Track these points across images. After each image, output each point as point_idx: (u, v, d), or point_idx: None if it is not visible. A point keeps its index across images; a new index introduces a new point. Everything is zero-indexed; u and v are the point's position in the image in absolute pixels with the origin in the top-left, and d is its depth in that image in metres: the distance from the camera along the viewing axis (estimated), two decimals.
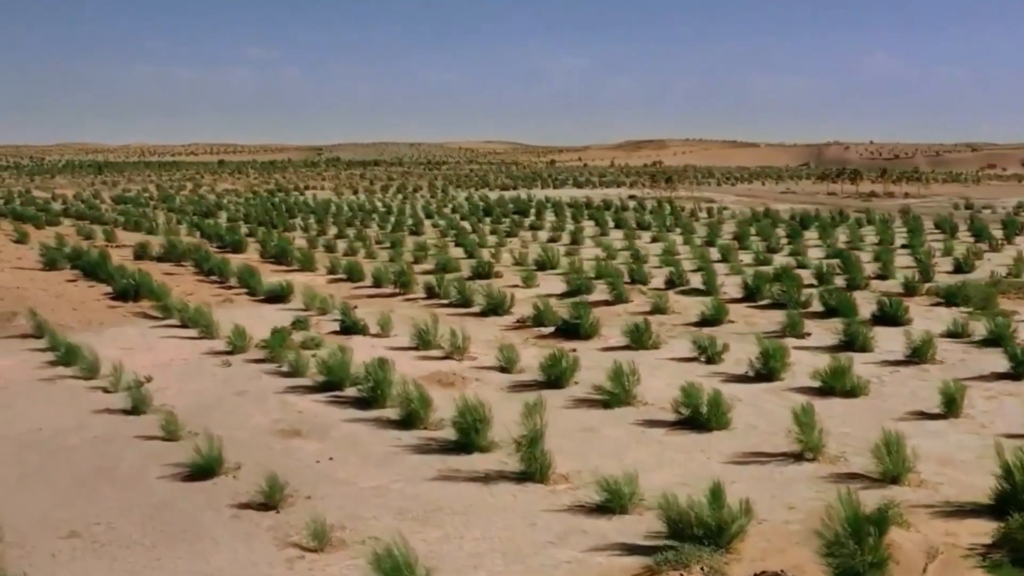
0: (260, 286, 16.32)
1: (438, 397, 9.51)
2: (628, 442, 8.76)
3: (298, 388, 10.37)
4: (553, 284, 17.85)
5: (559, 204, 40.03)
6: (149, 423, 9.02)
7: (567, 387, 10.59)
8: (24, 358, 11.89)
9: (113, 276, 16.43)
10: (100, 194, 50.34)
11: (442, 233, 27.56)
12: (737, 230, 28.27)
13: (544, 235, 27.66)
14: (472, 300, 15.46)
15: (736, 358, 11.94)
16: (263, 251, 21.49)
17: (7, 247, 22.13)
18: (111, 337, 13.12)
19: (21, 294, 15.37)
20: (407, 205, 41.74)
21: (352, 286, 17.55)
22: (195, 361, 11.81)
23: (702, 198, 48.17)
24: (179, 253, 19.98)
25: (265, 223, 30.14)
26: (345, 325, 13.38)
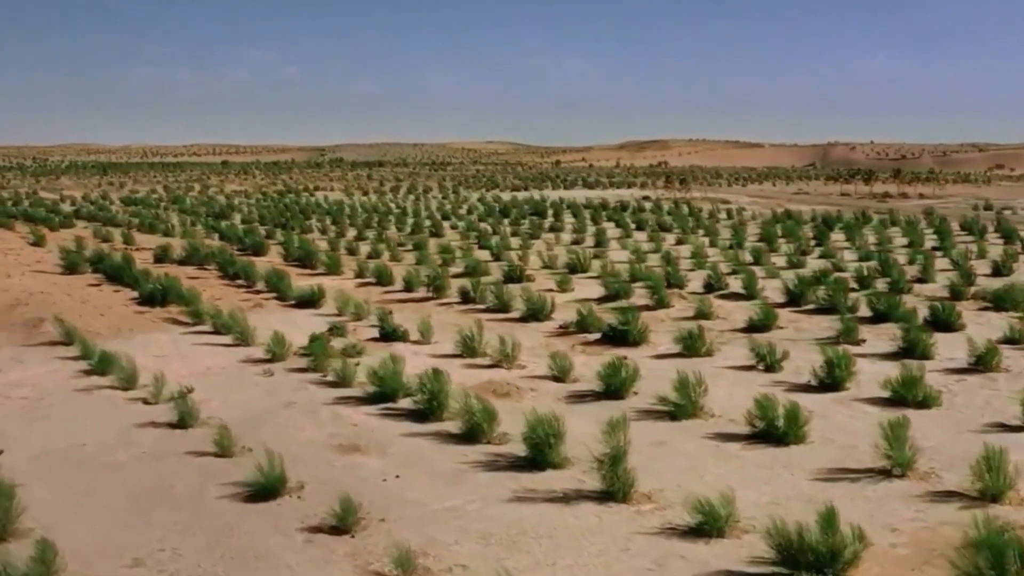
0: (290, 290, 15.86)
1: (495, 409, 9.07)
2: (704, 457, 8.32)
3: (348, 399, 9.92)
4: (588, 288, 17.40)
5: (574, 205, 39.57)
6: (198, 438, 8.58)
7: (627, 398, 10.15)
8: (55, 367, 11.45)
9: (138, 280, 15.98)
10: (108, 195, 49.88)
11: (462, 235, 27.10)
12: (762, 232, 27.83)
13: (566, 237, 27.18)
14: (510, 305, 15.00)
15: (795, 366, 11.51)
16: (286, 254, 21.02)
17: (24, 250, 21.67)
18: (142, 344, 12.67)
19: (45, 299, 14.92)
20: (421, 206, 41.29)
21: (382, 290, 17.10)
22: (233, 370, 11.36)
23: (717, 199, 47.70)
24: (202, 256, 19.52)
25: (281, 225, 29.68)
26: (384, 332, 12.92)
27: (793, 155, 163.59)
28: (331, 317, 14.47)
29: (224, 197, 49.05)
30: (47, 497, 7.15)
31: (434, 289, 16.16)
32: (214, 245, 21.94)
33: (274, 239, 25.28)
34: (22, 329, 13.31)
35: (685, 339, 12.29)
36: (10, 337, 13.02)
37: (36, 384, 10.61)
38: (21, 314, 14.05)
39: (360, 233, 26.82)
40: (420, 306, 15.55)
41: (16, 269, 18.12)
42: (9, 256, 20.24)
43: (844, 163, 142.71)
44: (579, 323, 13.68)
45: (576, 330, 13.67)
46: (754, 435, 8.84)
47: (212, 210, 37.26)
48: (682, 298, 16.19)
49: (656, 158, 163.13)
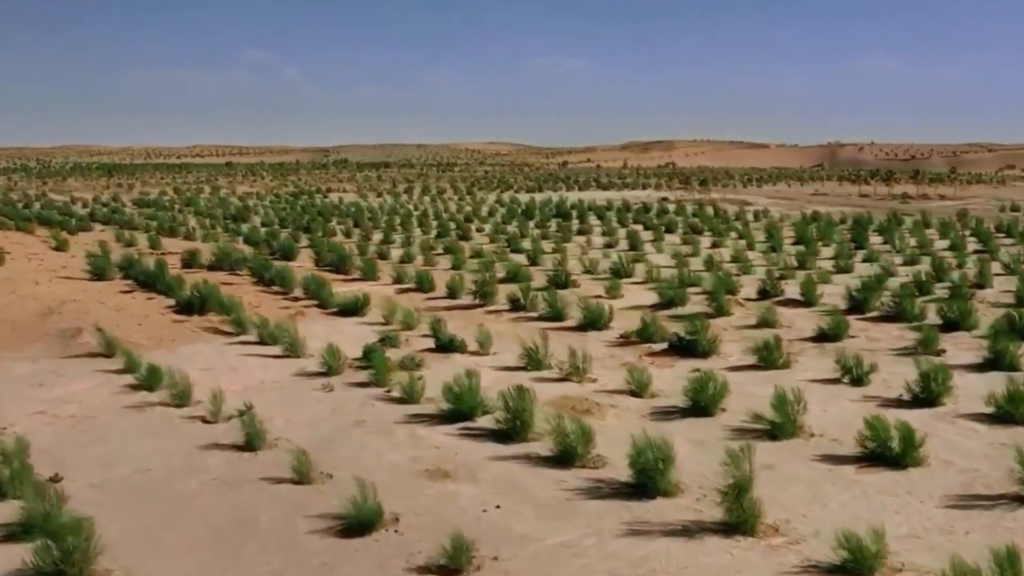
0: (331, 298, 15.22)
1: (592, 430, 8.45)
2: (820, 483, 7.68)
3: (420, 418, 9.28)
4: (638, 294, 16.76)
5: (595, 207, 38.96)
6: (270, 461, 7.95)
7: (716, 415, 9.52)
8: (99, 381, 10.82)
9: (173, 287, 15.35)
10: (119, 197, 49.24)
11: (491, 238, 26.47)
12: (796, 234, 27.21)
13: (598, 240, 26.52)
14: (564, 313, 14.36)
15: (881, 379, 10.88)
16: (318, 258, 20.37)
17: (47, 255, 21.02)
18: (187, 356, 12.04)
19: (79, 308, 14.27)
20: (439, 208, 40.64)
21: (424, 297, 16.45)
22: (288, 384, 10.73)
23: (736, 200, 47.07)
24: (232, 261, 18.87)
25: (303, 228, 29.04)
26: (441, 342, 12.28)
27: (800, 155, 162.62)
28: (378, 326, 13.84)
29: (237, 199, 48.41)
30: (120, 532, 6.52)
31: (481, 296, 15.51)
32: (244, 250, 21.27)
33: (298, 242, 24.66)
34: (58, 340, 12.68)
35: (760, 350, 11.66)
36: (47, 348, 12.39)
37: (82, 401, 9.98)
38: (55, 324, 13.41)
39: (386, 236, 26.17)
40: (468, 314, 14.91)
41: (43, 275, 17.48)
42: (33, 261, 19.58)
43: (852, 164, 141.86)
44: (641, 332, 13.05)
45: (639, 339, 13.03)
46: (865, 457, 8.22)
47: (228, 212, 36.61)
48: (739, 305, 15.55)
49: (662, 159, 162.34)
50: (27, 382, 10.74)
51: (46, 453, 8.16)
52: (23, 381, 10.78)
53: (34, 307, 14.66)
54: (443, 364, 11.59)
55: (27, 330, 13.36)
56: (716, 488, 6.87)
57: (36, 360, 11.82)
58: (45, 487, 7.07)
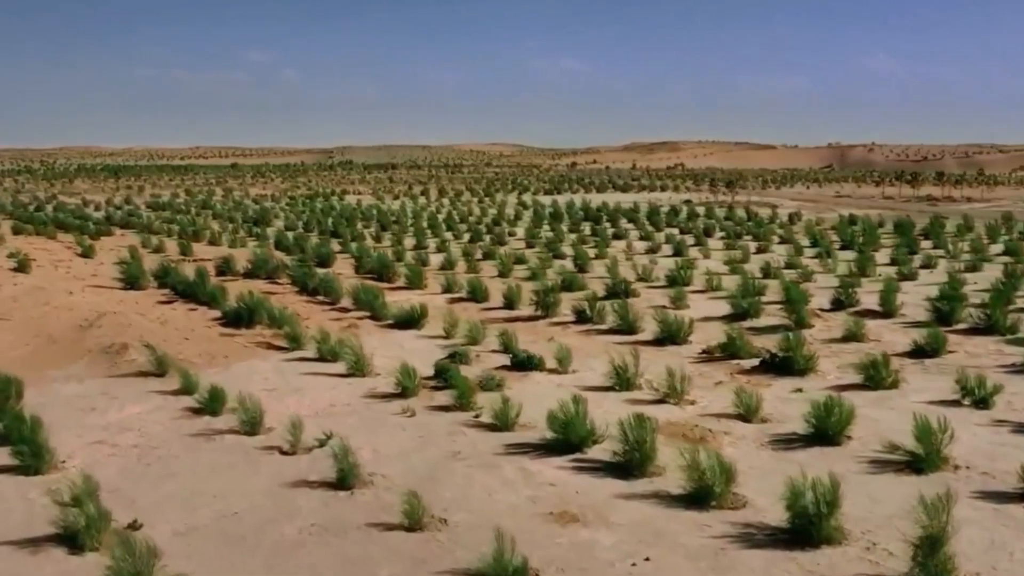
0: (385, 309, 14.33)
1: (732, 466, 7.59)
2: (991, 526, 6.78)
3: (521, 448, 8.40)
4: (704, 304, 15.88)
5: (622, 210, 38.12)
6: (372, 503, 7.07)
7: (843, 444, 8.64)
8: (156, 404, 9.94)
9: (216, 298, 14.47)
10: (132, 199, 48.36)
11: (527, 242, 25.59)
12: (841, 238, 26.35)
13: (638, 244, 25.64)
14: (636, 325, 13.48)
15: (1005, 400, 10.01)
16: (357, 265, 19.47)
17: (74, 261, 20.13)
18: (243, 374, 11.16)
19: (119, 320, 13.40)
20: (463, 210, 39.75)
21: (479, 307, 15.56)
22: (362, 408, 9.84)
23: (762, 202, 46.24)
24: (271, 269, 17.98)
25: (330, 232, 28.17)
26: (517, 359, 11.39)
27: (809, 156, 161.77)
28: (440, 340, 12.98)
29: (252, 201, 47.58)
30: None
31: (543, 307, 14.62)
32: (277, 255, 20.37)
33: (326, 247, 23.79)
34: (103, 356, 11.80)
35: (867, 367, 10.77)
36: (92, 366, 11.51)
37: (142, 428, 9.11)
38: (97, 338, 12.54)
39: (419, 241, 25.28)
40: (531, 327, 14.02)
41: (74, 284, 16.61)
42: (60, 269, 18.71)
43: (863, 165, 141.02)
44: (726, 347, 12.17)
45: (723, 355, 12.16)
46: None
47: (248, 216, 35.74)
48: (817, 316, 14.66)
49: (669, 160, 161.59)
50: (78, 405, 9.87)
51: (116, 493, 7.29)
52: (73, 404, 9.91)
53: (70, 319, 13.81)
54: (523, 384, 10.72)
55: (67, 345, 12.49)
56: (887, 533, 6.00)
57: (82, 380, 10.95)
58: (126, 537, 6.19)
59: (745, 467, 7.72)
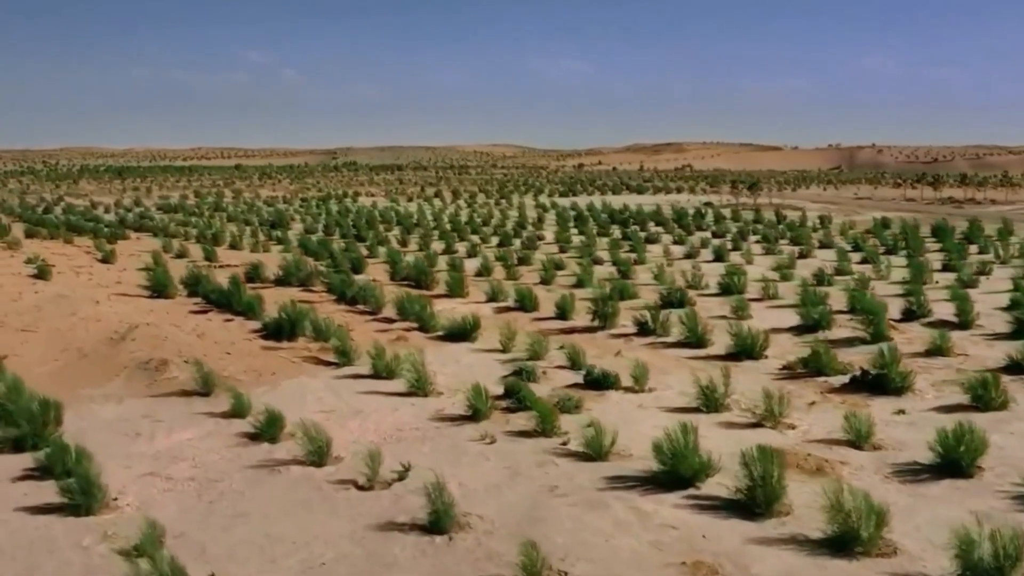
0: (434, 320, 13.47)
1: (811, 492, 6.83)
2: None
3: (624, 482, 7.55)
4: (767, 314, 15.01)
5: (647, 212, 37.31)
6: (478, 552, 6.22)
7: (975, 476, 7.78)
8: (206, 428, 9.09)
9: (254, 308, 13.62)
10: (141, 201, 47.51)
11: (560, 247, 24.74)
12: (880, 242, 25.51)
13: (676, 249, 24.76)
14: (706, 338, 12.62)
15: None
16: (392, 271, 18.61)
17: (95, 267, 19.25)
18: (295, 393, 10.31)
19: (153, 333, 12.55)
20: (485, 213, 38.90)
21: (530, 317, 14.70)
22: (433, 432, 8.99)
23: (784, 204, 45.41)
24: (304, 276, 17.12)
25: (354, 236, 27.33)
26: (591, 377, 10.54)
27: (817, 157, 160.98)
28: (497, 354, 12.13)
29: (263, 203, 46.75)
30: None
31: (601, 317, 13.76)
32: (307, 260, 19.48)
33: (355, 252, 22.96)
34: (140, 373, 10.94)
35: (975, 387, 9.91)
36: (130, 384, 10.66)
37: (196, 457, 8.26)
38: (132, 352, 11.68)
39: (449, 245, 24.42)
40: (591, 339, 13.17)
41: (99, 292, 15.75)
42: (82, 275, 17.84)
43: (872, 166, 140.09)
44: (809, 362, 11.32)
45: (806, 371, 11.31)
46: None
47: (264, 218, 34.89)
48: (893, 328, 13.79)
49: (675, 161, 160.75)
50: (120, 430, 9.02)
51: (181, 538, 6.45)
52: (115, 429, 9.05)
53: (100, 331, 12.96)
54: (602, 404, 9.88)
55: (99, 360, 11.63)
56: None
57: (121, 400, 10.09)
58: None
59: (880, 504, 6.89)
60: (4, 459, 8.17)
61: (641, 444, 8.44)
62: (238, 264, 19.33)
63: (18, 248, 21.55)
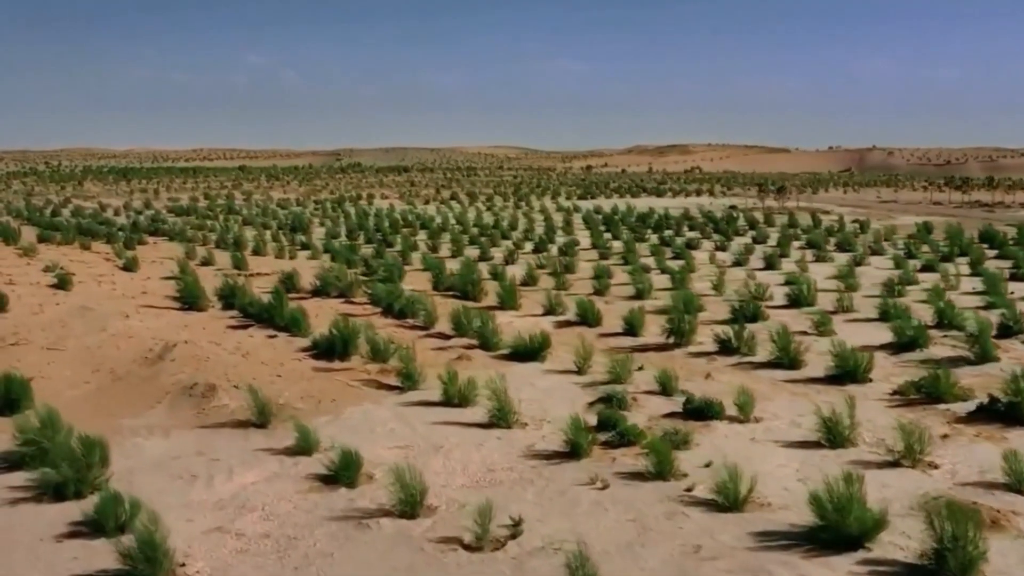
0: (496, 336, 12.36)
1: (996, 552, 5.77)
2: None
3: (775, 539, 6.43)
4: (850, 329, 13.88)
5: (676, 216, 36.25)
6: None
7: None
8: (271, 468, 7.98)
9: (299, 323, 12.52)
10: (151, 204, 46.40)
11: (600, 253, 23.63)
12: (933, 249, 24.40)
13: (723, 256, 23.62)
14: (799, 359, 11.50)
15: None
16: (435, 280, 17.48)
17: (118, 276, 18.10)
18: (361, 424, 9.20)
19: (193, 352, 11.43)
20: (512, 216, 37.80)
21: (596, 333, 13.55)
22: (530, 474, 7.87)
23: (811, 208, 44.31)
24: (344, 286, 16.00)
25: (379, 240, 26.23)
26: (692, 405, 9.43)
27: (827, 159, 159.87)
28: (573, 376, 11.03)
29: (278, 206, 45.65)
30: None
31: (676, 334, 12.64)
32: (331, 266, 18.34)
33: (383, 257, 21.88)
34: (186, 400, 9.84)
35: None
36: (174, 413, 9.55)
37: (267, 506, 7.14)
38: (173, 375, 10.57)
39: (484, 252, 23.31)
40: (668, 358, 12.04)
41: (126, 305, 14.63)
42: (104, 285, 16.71)
43: (882, 169, 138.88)
44: (923, 387, 10.21)
45: (920, 397, 10.19)
46: None
47: (283, 222, 33.76)
48: (996, 346, 12.67)
49: (682, 163, 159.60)
50: (173, 471, 7.90)
51: None
52: (168, 469, 7.94)
53: (133, 349, 11.85)
54: (709, 437, 8.78)
55: (136, 383, 10.53)
56: None
57: (167, 432, 8.98)
58: None
59: None
60: (44, 510, 7.05)
61: (772, 488, 7.38)
62: (269, 272, 18.21)
63: (34, 255, 20.42)
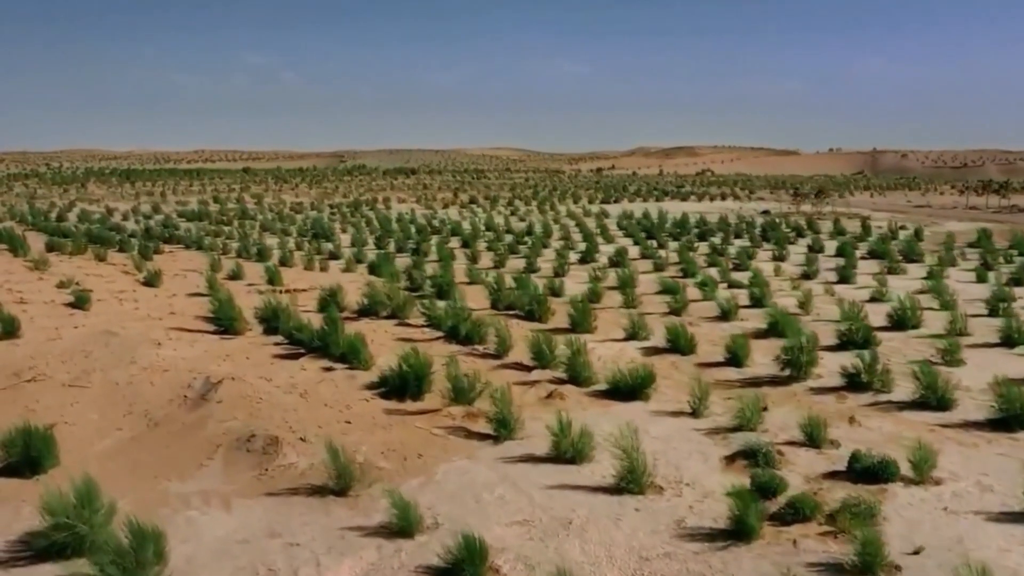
0: (588, 370, 10.66)
1: None
2: None
3: None
4: (980, 359, 12.20)
5: (715, 223, 34.61)
6: None
7: None
8: (370, 559, 6.32)
9: (359, 354, 10.84)
10: (160, 208, 44.70)
11: (655, 264, 21.94)
12: (1008, 258, 22.75)
13: (786, 266, 21.96)
14: (951, 398, 9.82)
15: None
16: (494, 298, 15.73)
17: (140, 292, 16.34)
18: (463, 490, 7.51)
19: (242, 391, 9.75)
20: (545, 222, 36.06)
21: (694, 362, 11.87)
22: (697, 564, 6.22)
23: (853, 213, 42.64)
24: (395, 306, 14.30)
25: (413, 249, 24.55)
26: (862, 464, 7.76)
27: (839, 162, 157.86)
28: (687, 419, 9.36)
29: (292, 210, 43.93)
30: None
31: (792, 365, 10.96)
32: (385, 283, 16.63)
33: (420, 270, 20.19)
34: (244, 457, 8.16)
35: None
36: (231, 473, 7.87)
37: None
38: (222, 422, 8.90)
39: (530, 264, 21.60)
40: (788, 395, 10.37)
41: (155, 329, 12.92)
42: (126, 303, 14.99)
43: (896, 171, 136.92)
44: None
45: None
46: None
47: (304, 228, 32.04)
48: None
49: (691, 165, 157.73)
50: (243, 562, 6.23)
51: None
52: (235, 560, 6.26)
53: (169, 385, 10.17)
54: (892, 507, 7.12)
55: (178, 432, 8.86)
56: None
57: (227, 503, 7.29)
58: None
59: None
60: None
61: None
62: (306, 287, 16.50)
63: (46, 268, 18.67)
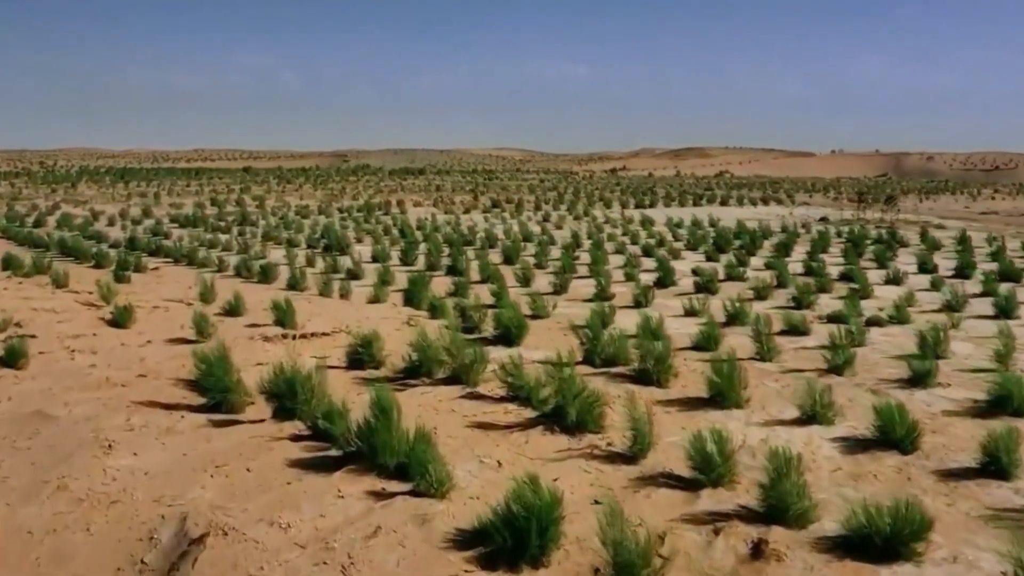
0: (800, 500, 6.54)
1: None
2: None
3: None
4: None
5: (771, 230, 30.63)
6: None
7: None
8: None
9: (426, 470, 6.71)
10: (151, 211, 40.55)
11: (757, 293, 17.89)
12: None
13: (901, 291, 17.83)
14: None
15: None
16: (589, 350, 11.51)
17: (102, 337, 12.00)
18: None
19: (239, 560, 5.62)
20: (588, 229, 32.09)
21: (928, 469, 7.77)
22: None
23: (922, 222, 38.57)
24: (465, 364, 10.12)
25: (455, 268, 20.46)
26: None
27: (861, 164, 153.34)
28: None
29: (297, 214, 39.81)
30: None
31: None
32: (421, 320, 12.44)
33: (465, 298, 16.16)
34: None
35: None
36: None
37: None
38: None
39: (601, 289, 17.51)
40: None
41: (110, 406, 8.74)
42: (79, 356, 10.69)
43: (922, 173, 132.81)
44: None
45: None
46: None
47: (314, 238, 27.95)
48: None
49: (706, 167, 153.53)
50: None
51: None
52: None
53: (117, 539, 6.05)
54: None
55: None
56: None
57: None
58: None
59: None
60: None
61: None
62: (328, 330, 12.28)
63: None
